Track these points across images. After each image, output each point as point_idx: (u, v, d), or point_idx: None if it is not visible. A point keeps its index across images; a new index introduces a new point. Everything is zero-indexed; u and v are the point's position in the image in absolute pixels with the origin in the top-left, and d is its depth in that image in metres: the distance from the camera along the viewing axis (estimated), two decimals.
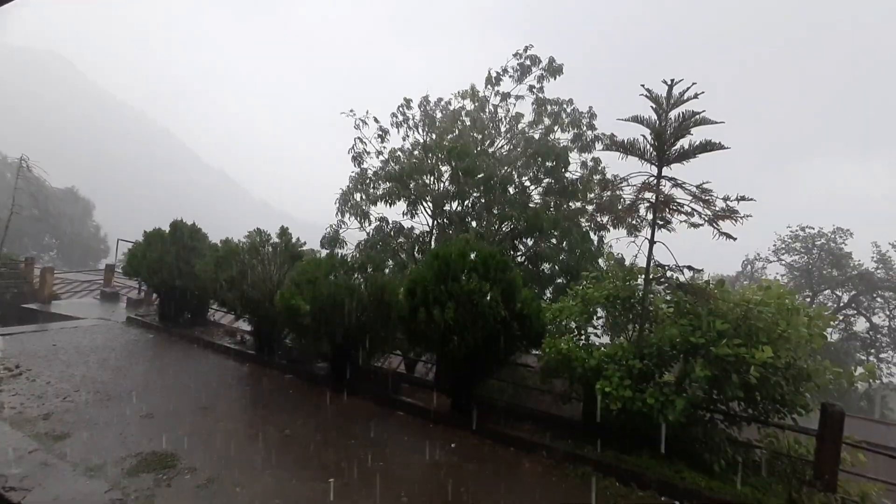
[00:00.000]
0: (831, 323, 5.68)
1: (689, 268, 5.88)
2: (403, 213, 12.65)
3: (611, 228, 10.59)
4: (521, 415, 6.78)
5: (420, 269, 7.38)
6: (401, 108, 13.79)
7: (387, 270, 10.32)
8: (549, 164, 10.94)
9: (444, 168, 11.78)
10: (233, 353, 9.91)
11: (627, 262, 7.16)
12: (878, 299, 16.97)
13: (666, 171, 5.84)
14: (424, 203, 12.68)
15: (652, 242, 5.80)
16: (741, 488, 4.96)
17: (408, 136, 13.70)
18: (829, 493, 4.87)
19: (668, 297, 6.09)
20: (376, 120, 13.26)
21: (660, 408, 5.24)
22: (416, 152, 13.36)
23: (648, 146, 5.79)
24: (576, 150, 11.62)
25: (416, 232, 13.18)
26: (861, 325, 18.08)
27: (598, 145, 11.58)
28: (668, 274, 6.01)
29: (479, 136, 13.30)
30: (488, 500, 4.94)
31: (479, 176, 10.97)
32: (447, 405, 7.27)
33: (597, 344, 6.34)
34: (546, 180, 11.56)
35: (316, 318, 7.49)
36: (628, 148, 5.89)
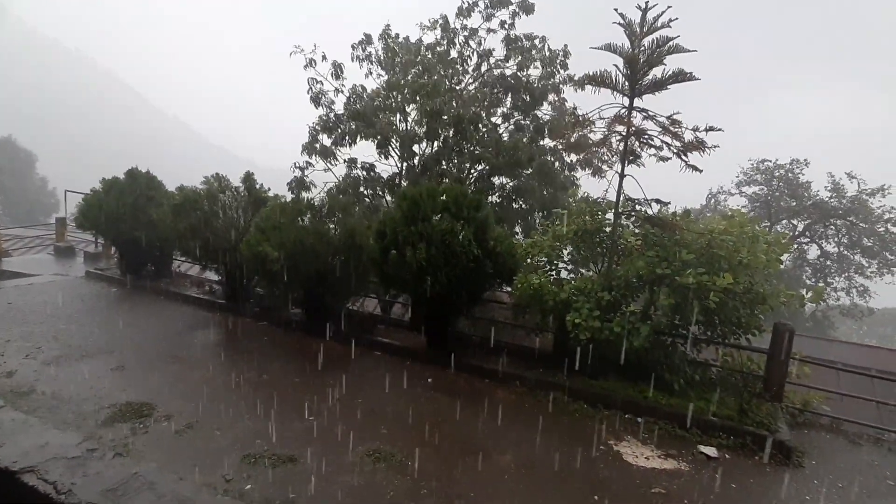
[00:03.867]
0: (788, 249, 5.95)
1: (657, 201, 5.97)
2: (377, 155, 12.24)
3: (580, 168, 10.56)
4: (495, 349, 7.01)
5: (390, 211, 7.23)
6: (361, 43, 12.84)
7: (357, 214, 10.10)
8: (525, 97, 10.60)
9: (410, 107, 11.26)
10: (202, 303, 9.72)
11: (599, 196, 7.20)
12: (831, 228, 17.97)
13: (637, 102, 5.73)
14: (393, 144, 12.26)
15: (622, 176, 5.80)
16: (698, 403, 5.36)
17: (371, 73, 12.92)
18: (776, 403, 5.33)
19: (637, 231, 6.21)
20: (324, 57, 12.21)
21: (626, 335, 5.50)
22: (381, 90, 12.68)
23: (621, 77, 5.62)
24: (551, 92, 11.29)
25: (386, 175, 12.85)
26: (813, 252, 19.30)
27: (570, 85, 11.26)
28: (637, 208, 6.10)
29: (449, 72, 12.70)
30: (464, 426, 5.18)
31: (450, 115, 10.57)
32: (423, 343, 7.43)
33: (567, 278, 6.48)
34: (517, 118, 11.27)
35: (285, 265, 7.34)
36: (600, 80, 5.71)
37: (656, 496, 4.20)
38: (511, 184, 10.72)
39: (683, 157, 5.39)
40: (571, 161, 10.85)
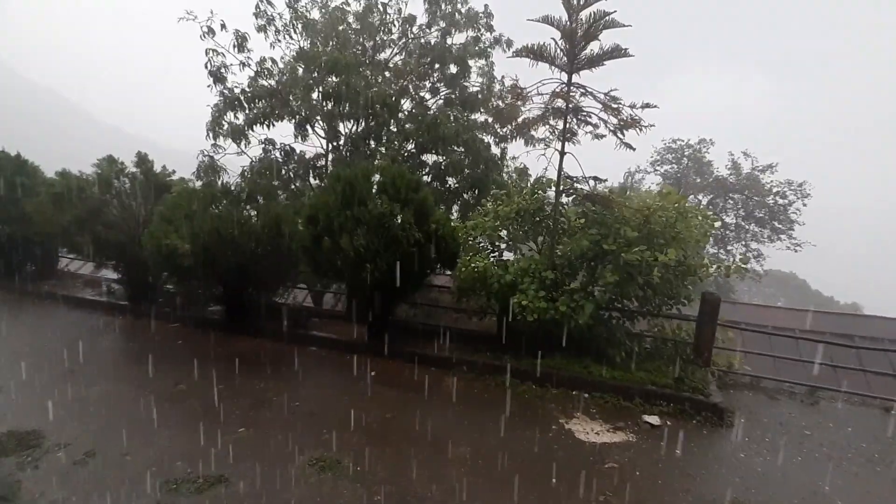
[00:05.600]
0: (715, 223, 6.32)
1: (595, 178, 5.99)
2: (295, 136, 11.26)
3: (511, 140, 10.42)
4: (439, 335, 6.79)
5: (321, 195, 6.65)
6: (260, 8, 11.33)
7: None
8: (449, 71, 10.21)
9: (329, 80, 10.35)
10: (99, 306, 8.46)
11: (533, 175, 7.16)
12: (730, 201, 20.10)
13: (574, 78, 5.65)
14: (315, 123, 11.37)
15: (562, 154, 5.73)
16: (638, 374, 5.55)
17: (278, 43, 11.60)
18: (706, 367, 5.67)
19: (578, 209, 6.22)
20: (224, 26, 10.52)
21: (570, 313, 5.52)
22: (295, 63, 11.55)
23: (559, 51, 5.49)
24: (475, 57, 10.95)
25: (310, 156, 11.95)
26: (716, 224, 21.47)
27: (498, 49, 11.00)
28: (576, 185, 6.10)
29: (370, 44, 11.94)
30: (415, 420, 4.92)
31: (375, 91, 9.95)
32: (362, 334, 7.02)
33: (511, 259, 6.38)
34: (445, 91, 10.90)
35: (199, 258, 6.49)
36: (538, 53, 5.54)
37: (610, 471, 4.25)
38: (443, 161, 10.40)
39: (620, 135, 5.42)
40: (504, 133, 10.65)
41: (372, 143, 11.02)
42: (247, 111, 10.86)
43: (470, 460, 4.26)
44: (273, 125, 11.10)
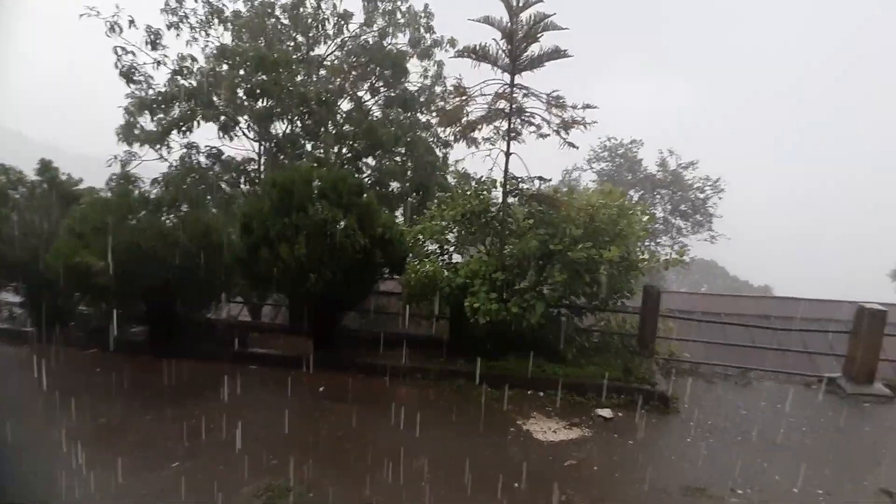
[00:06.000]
0: (655, 219, 6.60)
1: (540, 178, 6.07)
2: (220, 138, 10.50)
3: (454, 143, 10.36)
4: (390, 343, 6.57)
5: (255, 202, 6.21)
6: (169, 5, 10.32)
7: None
8: (386, 72, 9.98)
9: (257, 78, 9.72)
10: None
11: (479, 176, 7.13)
12: (658, 196, 21.55)
13: (517, 79, 5.67)
14: (243, 124, 10.69)
15: (508, 154, 5.74)
16: (589, 368, 5.68)
17: (195, 41, 10.71)
18: (650, 357, 5.91)
19: (525, 209, 6.26)
20: (132, 22, 9.47)
21: (522, 314, 5.53)
22: (218, 61, 10.74)
23: (501, 52, 5.48)
24: (415, 57, 10.78)
25: (239, 159, 11.22)
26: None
27: (439, 50, 10.91)
28: (521, 186, 6.13)
29: (302, 40, 11.41)
30: (370, 435, 4.70)
31: (310, 90, 9.50)
32: (308, 348, 6.62)
33: (460, 262, 6.30)
34: (385, 91, 10.65)
35: (117, 276, 5.81)
36: (481, 54, 5.50)
37: (570, 469, 4.28)
38: (386, 164, 10.15)
39: (563, 134, 5.51)
40: (447, 135, 10.57)
41: (308, 145, 10.55)
42: (163, 114, 9.96)
43: (429, 473, 4.12)
44: (195, 127, 10.30)
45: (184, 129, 9.98)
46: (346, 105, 11.21)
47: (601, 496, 3.95)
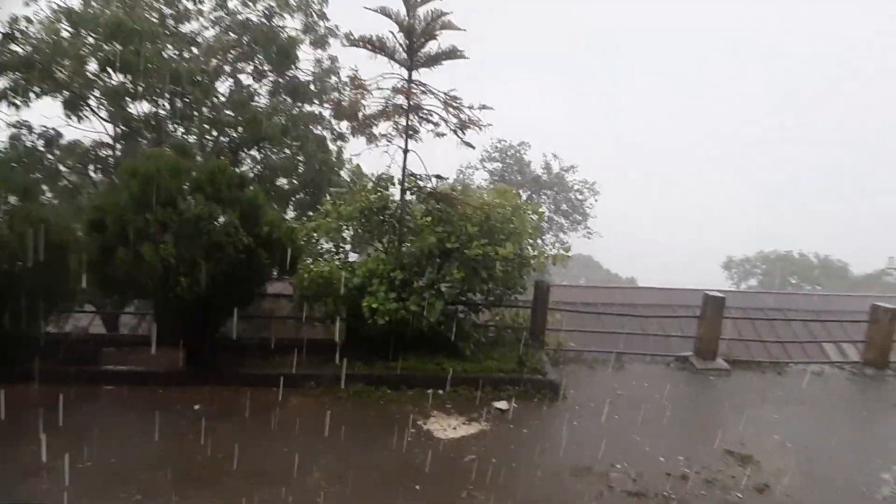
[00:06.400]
0: (544, 217, 6.98)
1: (438, 176, 6.07)
2: (66, 116, 8.79)
3: (352, 137, 9.93)
4: (280, 350, 6.07)
5: (109, 194, 5.28)
6: None
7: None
8: (273, 56, 9.20)
9: (113, 49, 8.32)
10: None
11: (376, 173, 6.89)
12: (543, 196, 23.25)
13: (414, 75, 5.59)
14: (97, 102, 9.10)
15: (406, 151, 5.63)
16: (486, 363, 5.83)
17: (35, 1, 8.89)
18: (541, 349, 6.27)
19: (423, 207, 6.20)
20: None
21: (421, 312, 5.48)
22: (61, 25, 8.99)
23: (399, 46, 5.34)
24: (308, 44, 10.08)
25: (89, 143, 9.54)
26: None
27: (335, 41, 10.33)
28: (419, 183, 6.07)
29: (170, 12, 10.00)
30: (258, 454, 4.26)
31: (181, 66, 8.38)
32: (180, 361, 5.83)
33: (357, 261, 6.04)
34: (272, 78, 9.83)
35: None
36: (378, 46, 5.30)
37: (470, 464, 4.33)
38: (274, 157, 9.39)
39: (460, 134, 5.56)
40: (343, 129, 10.08)
41: (177, 130, 9.33)
42: None
43: (326, 486, 3.86)
44: (31, 101, 8.52)
45: (14, 102, 8.17)
46: (224, 87, 10.12)
47: (500, 487, 4.05)
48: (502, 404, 5.35)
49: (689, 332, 7.68)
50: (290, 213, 9.69)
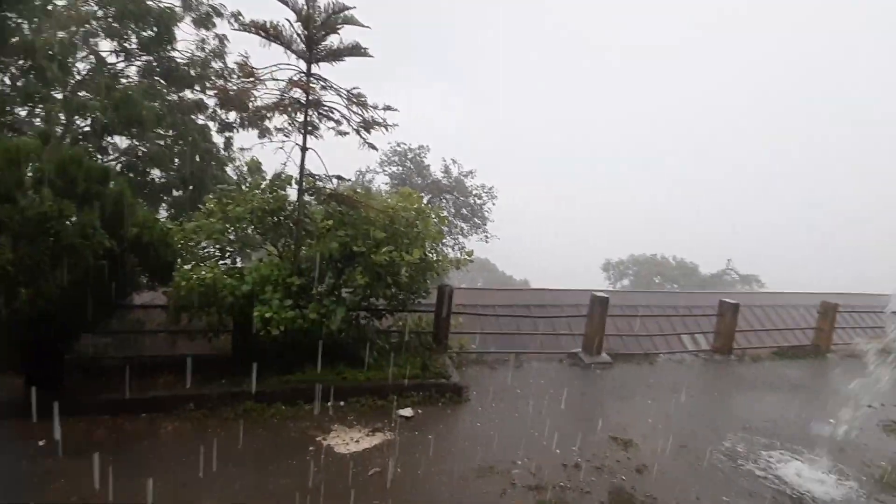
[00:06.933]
0: (446, 222, 7.02)
1: (339, 177, 5.79)
2: None
3: (241, 129, 9.06)
4: (152, 369, 5.31)
5: None
6: None
7: None
8: (145, 33, 8.08)
9: None
10: None
11: (270, 171, 6.38)
12: (443, 200, 23.64)
13: (314, 69, 5.27)
14: None
15: (304, 149, 5.28)
16: (390, 370, 5.68)
17: None
18: (445, 352, 6.29)
19: (322, 208, 5.87)
20: None
21: (322, 320, 5.17)
22: None
23: (296, 36, 4.99)
24: (189, 22, 9.01)
25: None
26: None
27: (221, 21, 9.35)
28: (318, 184, 5.75)
29: None
30: (125, 493, 3.64)
31: (38, 38, 6.97)
32: (17, 389, 4.81)
33: (248, 266, 5.50)
34: (143, 58, 8.64)
35: None
36: (273, 34, 4.89)
37: (375, 477, 4.16)
38: (145, 147, 8.24)
39: (364, 134, 5.36)
40: (231, 119, 9.14)
41: (22, 111, 7.77)
42: None
43: None
44: None
45: None
46: (83, 65, 8.67)
47: (406, 498, 3.95)
48: (407, 411, 5.25)
49: (577, 330, 8.32)
50: (164, 213, 8.59)
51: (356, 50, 5.20)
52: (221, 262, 5.67)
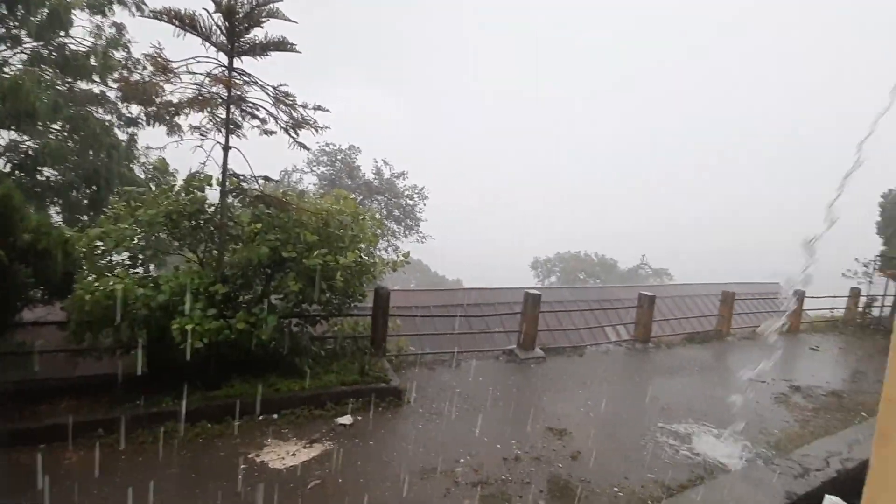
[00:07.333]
0: (381, 224, 6.89)
1: (266, 178, 5.50)
2: None
3: (148, 125, 8.25)
4: (51, 393, 4.69)
5: None
6: None
7: None
8: (34, 18, 7.15)
9: None
10: None
11: (182, 170, 5.89)
12: (375, 202, 23.18)
13: (237, 63, 4.95)
14: None
15: (226, 148, 4.94)
16: (327, 377, 5.49)
17: None
18: (383, 356, 6.19)
19: (249, 211, 5.51)
20: None
21: (251, 330, 4.87)
22: None
23: (216, 28, 4.65)
24: (85, 9, 8.06)
25: None
26: None
27: (120, 8, 8.44)
28: (243, 185, 5.41)
29: None
30: None
31: None
32: None
33: (164, 275, 5.03)
34: (32, 44, 7.64)
35: None
36: (189, 23, 4.53)
37: (314, 491, 4.00)
38: (36, 143, 7.27)
39: (293, 134, 5.13)
40: (136, 114, 8.31)
41: None
42: None
43: None
44: None
45: None
46: None
47: None
48: (346, 419, 5.10)
49: (511, 327, 8.57)
50: (57, 217, 7.64)
51: (282, 45, 4.95)
52: (133, 270, 5.13)
